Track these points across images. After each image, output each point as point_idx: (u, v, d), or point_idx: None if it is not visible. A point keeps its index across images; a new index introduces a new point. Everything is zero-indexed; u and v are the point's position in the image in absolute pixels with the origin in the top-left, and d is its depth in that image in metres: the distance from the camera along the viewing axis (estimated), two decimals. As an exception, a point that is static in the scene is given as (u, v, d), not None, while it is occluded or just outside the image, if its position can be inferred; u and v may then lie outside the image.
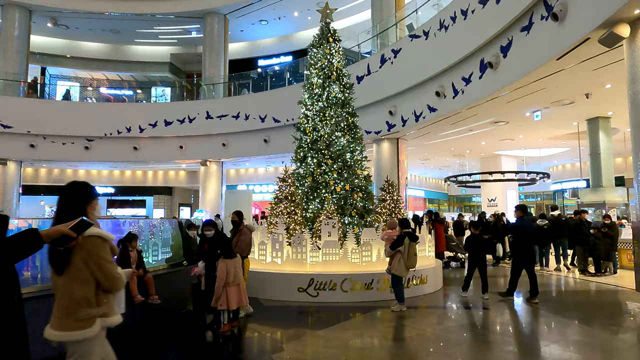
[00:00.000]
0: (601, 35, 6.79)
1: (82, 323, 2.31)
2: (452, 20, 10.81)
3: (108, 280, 2.38)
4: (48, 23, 21.78)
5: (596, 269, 10.43)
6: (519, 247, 7.74)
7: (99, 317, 2.37)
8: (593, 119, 13.05)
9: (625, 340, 5.58)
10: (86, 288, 2.34)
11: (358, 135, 9.84)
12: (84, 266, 2.32)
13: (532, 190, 28.42)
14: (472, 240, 8.15)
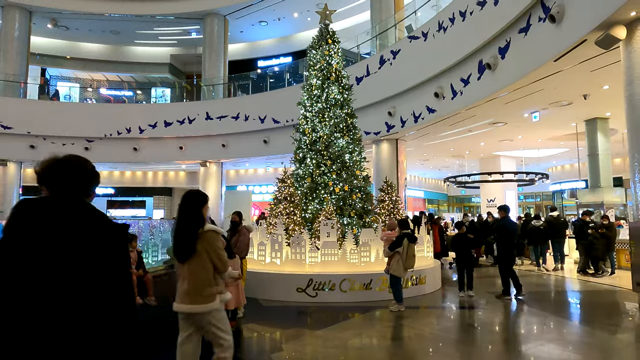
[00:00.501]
0: (598, 37, 6.83)
1: (207, 299, 3.05)
2: (450, 21, 10.86)
3: (222, 265, 3.15)
4: (48, 24, 21.83)
5: (594, 269, 10.48)
6: (503, 246, 7.91)
7: (218, 293, 3.12)
8: (591, 120, 13.09)
9: (622, 340, 5.63)
10: (207, 272, 3.08)
11: (357, 136, 9.89)
12: (205, 254, 3.06)
13: (531, 191, 28.47)
14: (458, 240, 8.29)
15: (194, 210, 3.14)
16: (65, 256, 1.39)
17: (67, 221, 1.43)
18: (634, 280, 6.92)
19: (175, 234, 3.16)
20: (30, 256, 1.37)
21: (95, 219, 1.48)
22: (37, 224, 1.39)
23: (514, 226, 8.30)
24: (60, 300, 1.40)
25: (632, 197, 6.93)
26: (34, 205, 1.44)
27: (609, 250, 10.46)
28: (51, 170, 1.49)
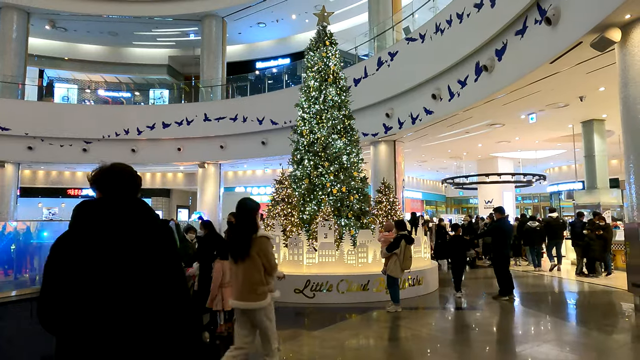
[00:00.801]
0: (593, 40, 6.89)
1: (260, 296, 3.42)
2: (448, 23, 10.91)
3: (270, 268, 3.50)
4: (46, 25, 21.82)
5: (589, 269, 10.52)
6: (498, 247, 7.98)
7: (269, 292, 3.49)
8: (588, 122, 13.16)
9: (618, 340, 5.66)
10: (260, 272, 3.43)
11: (354, 138, 9.92)
12: (258, 257, 3.41)
13: (529, 192, 28.55)
14: (455, 242, 8.37)
15: (249, 218, 3.56)
16: (121, 246, 1.60)
17: (120, 217, 1.65)
18: (630, 281, 6.97)
19: (232, 238, 3.64)
20: (93, 247, 1.58)
21: (143, 214, 1.73)
22: (96, 220, 1.63)
23: (509, 227, 8.35)
24: (125, 285, 1.57)
25: (627, 199, 6.97)
26: (92, 205, 1.68)
27: (605, 251, 10.51)
28: (102, 177, 1.75)
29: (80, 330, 1.52)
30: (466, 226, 13.52)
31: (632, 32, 6.60)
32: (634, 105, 6.63)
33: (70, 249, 1.59)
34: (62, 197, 24.29)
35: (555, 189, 24.10)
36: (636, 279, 6.63)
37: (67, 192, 24.47)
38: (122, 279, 1.56)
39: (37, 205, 23.56)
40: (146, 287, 1.60)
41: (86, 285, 1.54)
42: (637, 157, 6.62)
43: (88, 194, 24.67)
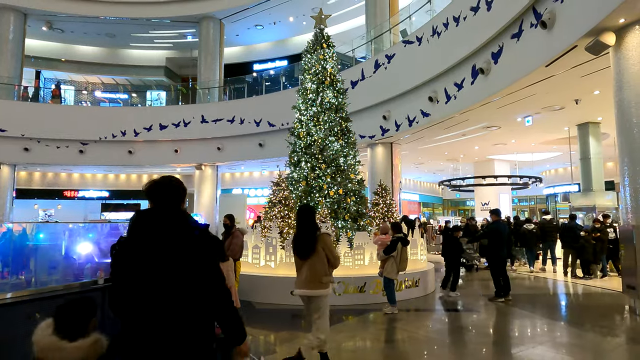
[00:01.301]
0: (588, 43, 6.94)
1: (324, 285, 4.13)
2: (444, 26, 10.96)
3: (335, 260, 4.20)
4: (43, 26, 21.76)
5: (584, 272, 10.58)
6: (495, 249, 8.07)
7: (330, 282, 4.19)
8: (583, 124, 13.24)
9: (613, 342, 5.70)
10: (324, 265, 4.13)
11: (351, 140, 9.95)
12: (322, 251, 4.10)
13: (525, 195, 28.66)
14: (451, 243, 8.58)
15: (311, 220, 4.31)
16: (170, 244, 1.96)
17: (168, 223, 2.01)
18: (624, 283, 7.01)
19: (299, 238, 4.29)
20: (141, 248, 1.95)
21: (186, 221, 2.06)
22: (150, 225, 2.01)
23: (505, 229, 8.41)
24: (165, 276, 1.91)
25: (621, 201, 7.02)
26: (143, 214, 2.06)
27: (602, 253, 10.57)
28: (151, 189, 2.09)
29: (135, 313, 1.91)
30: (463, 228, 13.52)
31: (627, 36, 6.65)
32: (629, 108, 6.68)
33: (126, 249, 2.00)
34: (58, 198, 24.21)
35: (552, 191, 24.22)
36: (631, 281, 6.67)
37: (64, 194, 24.38)
38: (163, 273, 1.92)
39: (33, 207, 23.47)
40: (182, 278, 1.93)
41: (137, 278, 1.92)
42: (631, 159, 6.67)
43: (84, 195, 24.60)
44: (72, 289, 4.96)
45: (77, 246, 6.15)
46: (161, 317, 1.89)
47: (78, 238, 6.20)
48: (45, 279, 5.31)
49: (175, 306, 1.90)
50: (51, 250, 5.74)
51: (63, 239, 5.97)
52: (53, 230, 6.32)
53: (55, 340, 2.05)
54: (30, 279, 5.42)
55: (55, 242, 5.92)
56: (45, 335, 2.08)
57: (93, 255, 6.36)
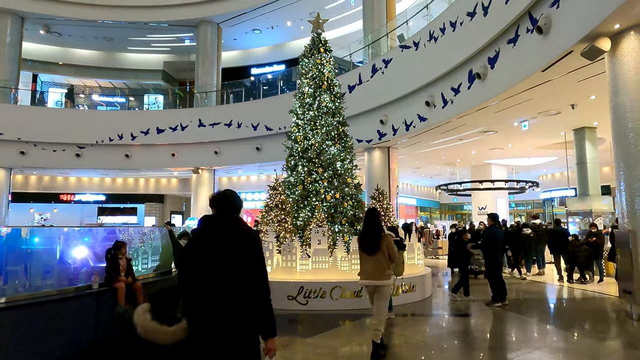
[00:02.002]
0: (583, 49, 6.98)
1: (387, 277, 4.98)
2: (441, 31, 11.02)
3: (394, 256, 5.06)
4: (40, 30, 21.77)
5: (577, 276, 10.63)
6: (491, 254, 8.09)
7: (391, 275, 5.09)
8: (579, 129, 13.29)
9: (610, 347, 5.69)
10: (387, 260, 4.98)
11: (348, 144, 9.95)
12: (385, 249, 4.97)
13: (522, 199, 28.71)
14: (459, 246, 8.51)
15: (377, 222, 5.19)
16: (230, 244, 2.49)
17: (228, 226, 2.57)
18: (621, 288, 7.01)
19: (366, 237, 5.12)
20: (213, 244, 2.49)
21: (242, 225, 2.62)
22: (214, 227, 2.58)
23: (501, 234, 8.44)
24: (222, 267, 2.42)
25: (617, 206, 7.04)
26: (212, 218, 2.62)
27: (597, 258, 10.59)
28: (215, 200, 2.65)
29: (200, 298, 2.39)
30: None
31: (622, 42, 6.70)
32: (624, 113, 6.71)
33: (194, 245, 2.56)
34: (54, 202, 24.11)
35: (548, 195, 24.24)
36: (627, 286, 6.67)
37: (60, 198, 24.28)
38: (221, 264, 2.43)
39: (28, 211, 23.35)
40: (237, 269, 2.43)
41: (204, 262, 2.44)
42: (627, 164, 6.69)
43: (81, 199, 24.51)
44: (66, 293, 4.93)
45: (72, 250, 6.12)
46: (222, 292, 2.41)
47: (73, 242, 6.16)
48: (40, 284, 5.27)
49: (233, 284, 2.43)
50: (46, 255, 5.71)
51: (58, 243, 5.94)
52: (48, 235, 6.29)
53: (156, 324, 2.51)
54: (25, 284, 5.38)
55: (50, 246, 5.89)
56: (146, 319, 2.54)
57: (88, 259, 6.32)
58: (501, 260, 8.36)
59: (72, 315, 4.68)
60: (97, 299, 5.14)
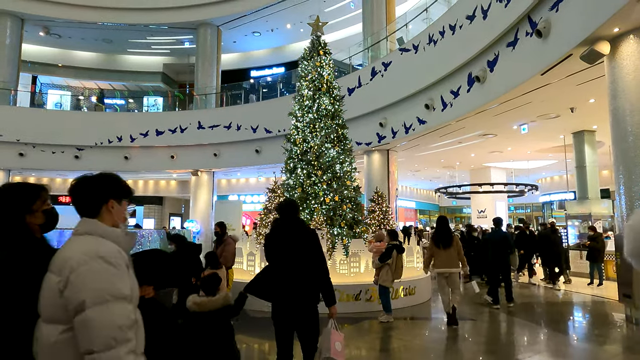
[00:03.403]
0: (583, 52, 6.99)
1: (457, 265, 6.66)
2: (440, 35, 11.02)
3: (461, 250, 6.78)
4: (40, 32, 21.76)
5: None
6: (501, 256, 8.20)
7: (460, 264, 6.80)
8: (579, 133, 13.29)
9: (609, 351, 5.66)
10: (458, 253, 6.69)
11: (348, 147, 9.94)
12: (456, 245, 6.73)
13: (522, 202, 28.70)
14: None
15: (448, 225, 7.07)
16: (300, 238, 3.51)
17: (294, 226, 3.57)
18: (621, 292, 6.99)
19: (442, 236, 6.81)
20: (285, 241, 3.51)
21: (305, 224, 3.72)
22: (283, 228, 3.58)
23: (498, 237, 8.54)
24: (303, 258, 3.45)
25: (617, 209, 7.02)
26: (277, 220, 3.67)
27: (596, 262, 10.59)
28: (285, 206, 3.62)
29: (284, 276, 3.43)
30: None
31: (621, 45, 6.70)
32: (623, 116, 6.70)
33: (270, 241, 3.58)
34: (53, 204, 23.97)
35: (547, 199, 24.26)
36: (627, 290, 6.65)
37: (59, 200, 24.19)
38: (293, 255, 3.44)
39: (27, 213, 23.25)
40: (305, 258, 3.45)
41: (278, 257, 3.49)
42: (626, 168, 6.68)
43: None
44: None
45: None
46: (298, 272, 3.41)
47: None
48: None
49: (304, 266, 3.43)
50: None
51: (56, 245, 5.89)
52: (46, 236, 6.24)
53: (204, 296, 3.39)
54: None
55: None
56: (195, 295, 3.41)
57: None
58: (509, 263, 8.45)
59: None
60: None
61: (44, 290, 1.49)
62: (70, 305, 1.41)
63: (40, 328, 1.47)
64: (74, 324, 1.40)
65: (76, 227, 1.64)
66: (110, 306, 1.41)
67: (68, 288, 1.42)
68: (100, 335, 1.37)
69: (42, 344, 1.45)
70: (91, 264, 1.45)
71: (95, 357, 1.35)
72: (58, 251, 1.57)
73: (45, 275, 1.50)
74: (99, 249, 1.51)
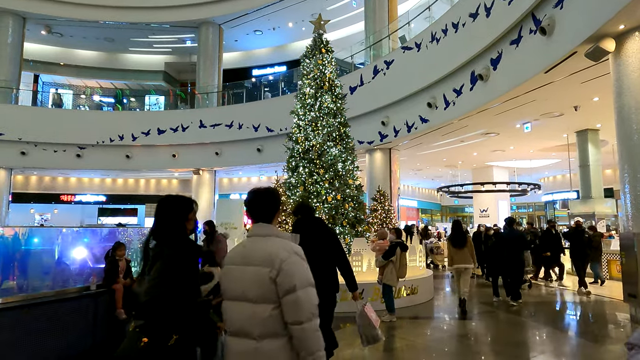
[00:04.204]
0: (587, 50, 6.92)
1: (470, 262, 7.78)
2: (443, 32, 10.96)
3: (473, 249, 8.03)
4: (42, 31, 21.75)
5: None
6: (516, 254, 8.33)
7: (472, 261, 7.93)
8: (582, 131, 13.22)
9: (614, 351, 5.61)
10: (470, 251, 7.82)
11: (350, 145, 9.88)
12: (469, 244, 7.85)
13: (524, 201, 28.62)
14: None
15: (462, 227, 7.98)
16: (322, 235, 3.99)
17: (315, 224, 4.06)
18: (625, 291, 6.93)
19: (456, 237, 7.78)
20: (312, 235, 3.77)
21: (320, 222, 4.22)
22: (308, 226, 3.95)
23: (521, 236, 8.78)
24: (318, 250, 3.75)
25: (622, 208, 6.96)
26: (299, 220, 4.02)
27: (594, 261, 10.54)
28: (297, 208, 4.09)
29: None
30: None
31: (626, 42, 6.64)
32: (629, 115, 6.64)
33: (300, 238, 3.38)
34: (55, 202, 24.06)
35: (550, 198, 24.18)
36: (632, 289, 6.59)
37: (60, 198, 24.24)
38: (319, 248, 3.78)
39: (29, 211, 23.31)
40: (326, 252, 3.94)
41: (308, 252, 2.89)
42: (631, 166, 6.62)
43: (82, 199, 24.47)
44: (64, 295, 4.86)
45: (71, 251, 6.06)
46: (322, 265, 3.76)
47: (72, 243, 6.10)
48: (37, 284, 5.22)
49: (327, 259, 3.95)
50: (44, 255, 5.65)
51: (56, 244, 5.88)
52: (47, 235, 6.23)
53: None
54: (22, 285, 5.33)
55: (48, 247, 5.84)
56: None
57: (87, 260, 6.26)
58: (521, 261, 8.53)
59: (70, 316, 4.62)
60: (95, 301, 5.07)
61: (251, 280, 1.93)
62: (282, 288, 1.88)
63: (244, 307, 1.94)
64: (282, 302, 1.88)
65: (255, 231, 2.07)
66: (309, 289, 1.92)
67: (280, 276, 1.88)
68: (305, 310, 1.87)
69: (255, 318, 1.91)
70: (293, 258, 1.93)
71: (302, 327, 1.86)
72: (251, 249, 2.01)
73: (245, 269, 1.96)
74: (291, 246, 1.99)
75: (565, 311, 8.43)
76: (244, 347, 1.92)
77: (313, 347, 1.86)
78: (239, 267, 1.98)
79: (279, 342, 1.89)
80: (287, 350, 1.89)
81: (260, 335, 1.89)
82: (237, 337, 1.95)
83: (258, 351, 1.88)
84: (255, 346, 1.89)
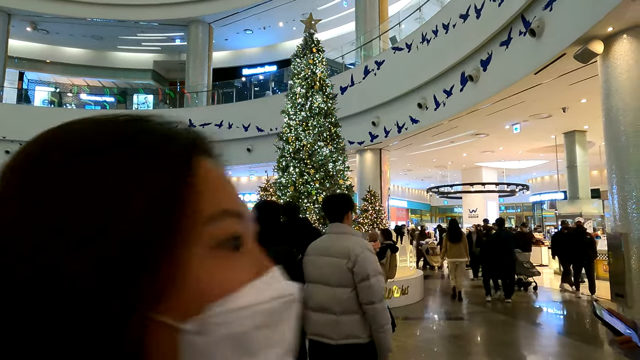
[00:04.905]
0: (576, 52, 6.98)
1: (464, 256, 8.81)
2: (434, 34, 10.99)
3: (467, 245, 9.03)
4: (27, 27, 21.37)
5: None
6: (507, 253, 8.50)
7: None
8: (570, 133, 13.37)
9: (604, 350, 5.66)
10: (464, 247, 8.84)
11: (340, 145, 9.85)
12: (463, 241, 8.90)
13: (512, 202, 28.91)
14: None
15: (458, 225, 9.05)
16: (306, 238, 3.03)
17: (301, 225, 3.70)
18: (613, 291, 7.00)
19: (453, 233, 8.71)
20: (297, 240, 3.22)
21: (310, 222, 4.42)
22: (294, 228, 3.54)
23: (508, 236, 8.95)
24: None
25: (609, 209, 7.03)
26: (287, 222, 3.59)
27: None
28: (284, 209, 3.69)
29: None
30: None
31: (614, 45, 6.71)
32: (617, 116, 6.71)
33: None
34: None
35: (538, 198, 24.45)
36: (619, 289, 6.66)
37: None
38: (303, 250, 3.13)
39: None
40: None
41: None
42: (619, 167, 6.69)
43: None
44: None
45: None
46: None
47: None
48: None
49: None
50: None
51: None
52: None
53: None
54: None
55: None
56: None
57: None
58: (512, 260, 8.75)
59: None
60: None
61: (332, 269, 2.42)
62: (358, 276, 2.35)
63: (325, 289, 2.43)
64: (358, 287, 2.35)
65: (332, 229, 2.55)
66: (379, 277, 2.39)
67: (357, 266, 2.35)
68: (377, 293, 2.35)
69: (335, 298, 2.39)
70: (365, 253, 2.39)
71: (374, 306, 2.33)
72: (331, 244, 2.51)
73: (326, 259, 2.45)
74: (364, 243, 2.49)
75: (552, 311, 8.50)
76: (326, 319, 2.40)
77: (382, 322, 2.35)
78: (321, 257, 2.48)
79: (354, 317, 2.37)
80: (361, 323, 2.37)
81: (340, 312, 2.37)
82: (319, 312, 2.42)
83: (338, 323, 2.37)
84: (335, 319, 2.37)
